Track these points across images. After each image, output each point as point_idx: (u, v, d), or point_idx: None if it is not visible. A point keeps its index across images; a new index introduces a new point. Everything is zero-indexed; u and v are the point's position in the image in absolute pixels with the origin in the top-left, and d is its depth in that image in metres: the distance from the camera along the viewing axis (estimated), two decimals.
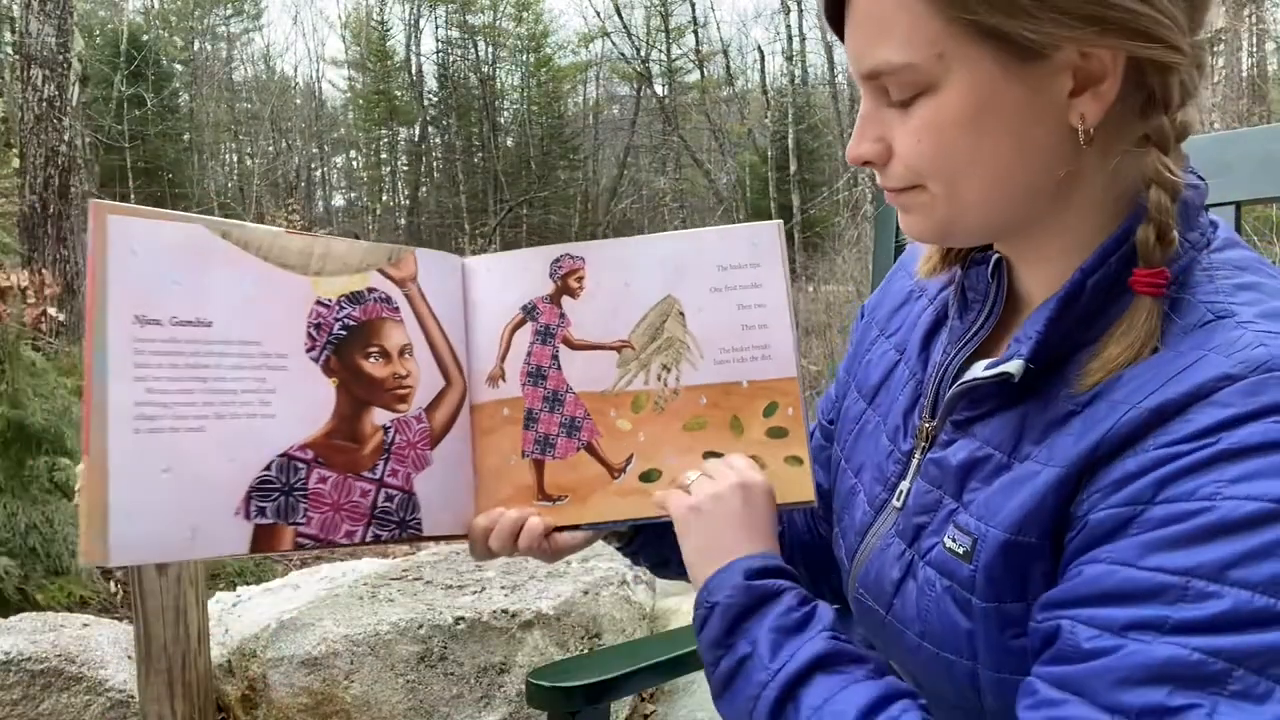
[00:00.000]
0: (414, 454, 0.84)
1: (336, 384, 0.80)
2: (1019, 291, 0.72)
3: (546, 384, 0.88)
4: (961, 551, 0.64)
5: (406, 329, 0.84)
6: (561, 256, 0.89)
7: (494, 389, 0.89)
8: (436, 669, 2.14)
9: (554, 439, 0.88)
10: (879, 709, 0.61)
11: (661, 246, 0.88)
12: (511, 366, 0.89)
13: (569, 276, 0.89)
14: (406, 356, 0.84)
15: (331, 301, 0.81)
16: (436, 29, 31.02)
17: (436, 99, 31.07)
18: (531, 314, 0.89)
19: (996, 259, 0.72)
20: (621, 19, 26.62)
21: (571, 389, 0.88)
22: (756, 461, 0.83)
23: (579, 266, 0.89)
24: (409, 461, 0.83)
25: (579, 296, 0.89)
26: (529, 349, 0.89)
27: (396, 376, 0.83)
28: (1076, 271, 0.62)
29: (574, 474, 0.87)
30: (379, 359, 0.83)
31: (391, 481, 0.82)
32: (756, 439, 0.85)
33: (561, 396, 0.88)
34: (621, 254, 0.89)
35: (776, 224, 0.88)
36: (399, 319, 0.84)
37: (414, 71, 30.97)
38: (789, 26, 25.22)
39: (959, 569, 0.64)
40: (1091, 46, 0.58)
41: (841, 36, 0.66)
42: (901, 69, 0.61)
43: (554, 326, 0.89)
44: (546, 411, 0.88)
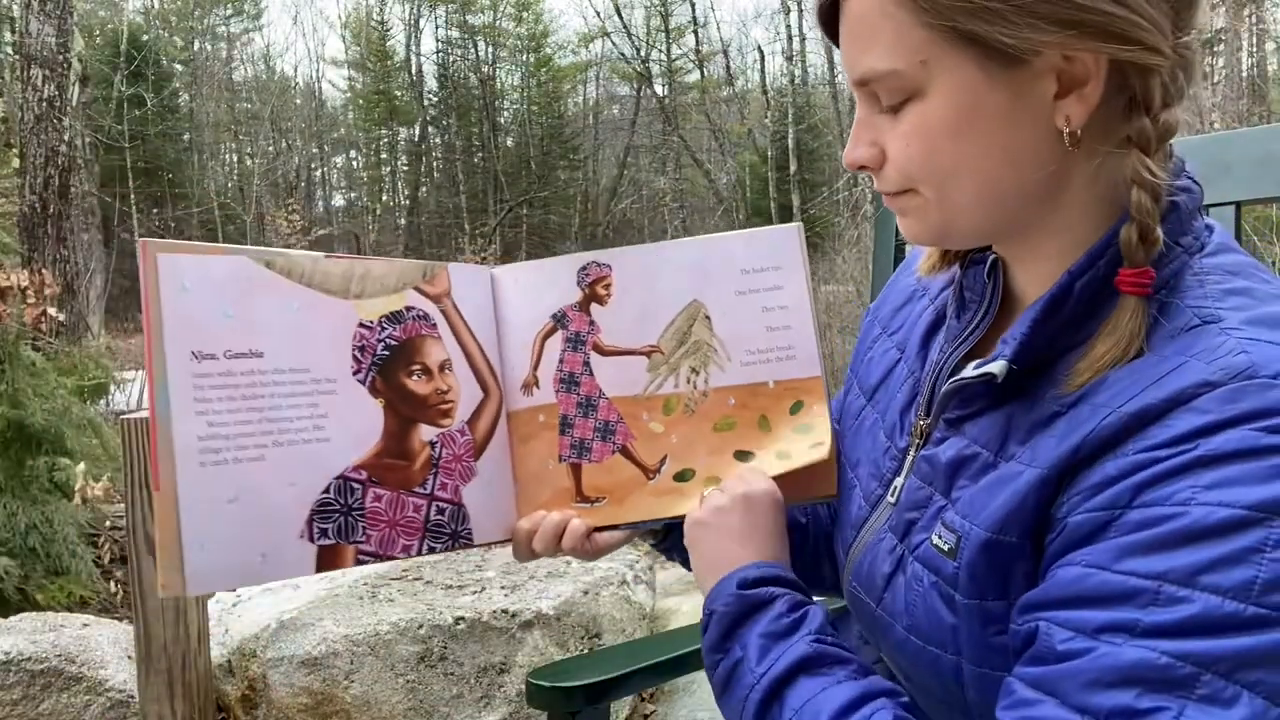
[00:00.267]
0: (460, 466, 0.86)
1: (383, 404, 0.82)
2: (1015, 292, 0.72)
3: (580, 390, 0.91)
4: (947, 548, 0.65)
5: (445, 344, 0.86)
6: (589, 265, 0.91)
7: (529, 397, 0.91)
8: (436, 669, 2.14)
9: (589, 443, 0.90)
10: (854, 708, 0.64)
11: (686, 252, 0.90)
12: (545, 374, 0.91)
13: (596, 284, 0.91)
14: (447, 372, 0.86)
15: (373, 323, 0.83)
16: (436, 29, 31.04)
17: (436, 99, 31.08)
18: (561, 322, 0.91)
19: (993, 260, 0.73)
20: (621, 19, 26.63)
21: (604, 394, 0.90)
22: (784, 457, 0.85)
23: (606, 274, 0.91)
24: (456, 474, 0.86)
25: (607, 303, 0.91)
26: (561, 356, 0.91)
27: (439, 392, 0.85)
28: (1064, 274, 0.63)
29: (610, 476, 0.90)
30: (421, 376, 0.84)
31: (441, 495, 0.84)
32: (784, 436, 0.87)
33: (595, 401, 0.91)
34: (647, 261, 0.91)
35: (797, 226, 0.90)
36: (437, 335, 0.86)
37: (414, 71, 30.98)
38: (789, 26, 25.21)
39: (944, 565, 0.65)
40: (1069, 50, 0.59)
41: (837, 44, 0.67)
42: (888, 75, 0.63)
43: (584, 333, 0.91)
44: (581, 416, 0.90)
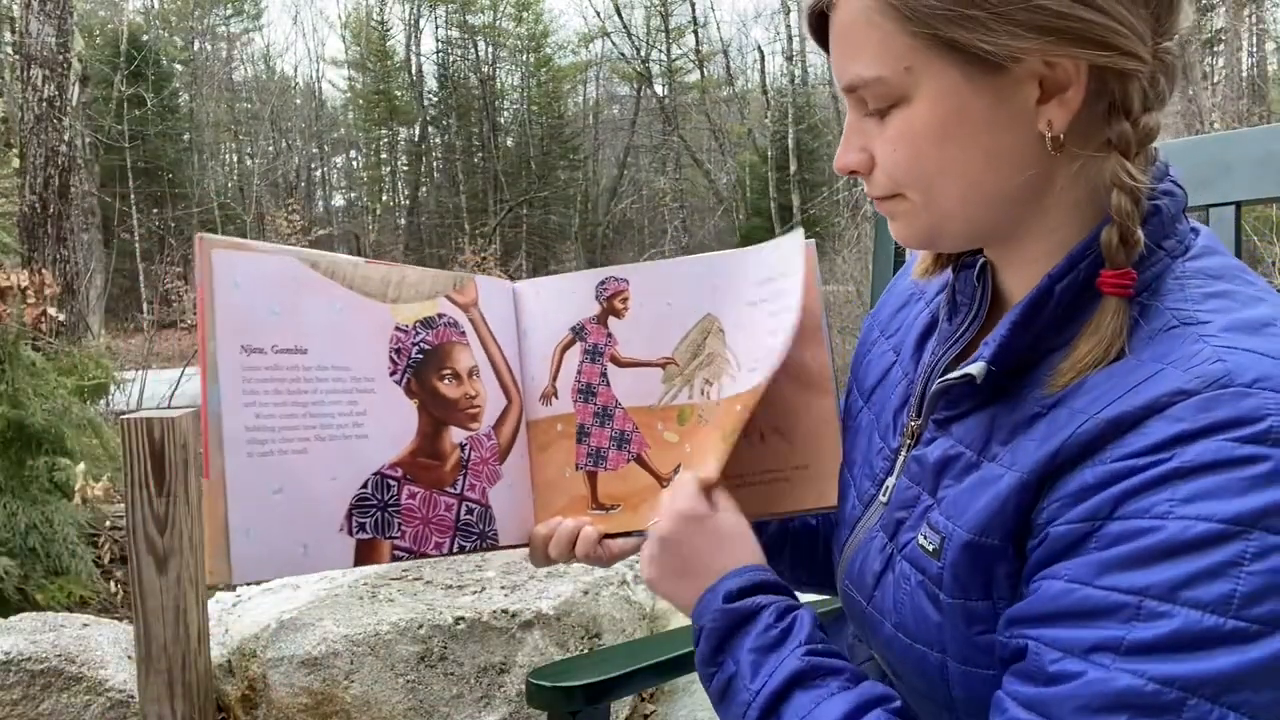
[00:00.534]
0: (487, 469, 0.88)
1: (417, 405, 0.84)
2: (1003, 294, 0.73)
3: (596, 400, 0.93)
4: (932, 548, 0.66)
5: (473, 352, 0.89)
6: (606, 279, 0.94)
7: (547, 406, 0.94)
8: (436, 669, 2.14)
9: (605, 452, 0.93)
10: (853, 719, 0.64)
11: (700, 268, 0.93)
12: (563, 384, 0.94)
13: (614, 298, 0.94)
14: (474, 378, 0.88)
15: (408, 327, 0.85)
16: (436, 29, 31.04)
17: (436, 99, 31.08)
18: (580, 334, 0.94)
19: (983, 263, 0.74)
20: (621, 19, 26.63)
21: (620, 404, 0.93)
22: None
23: (623, 288, 0.94)
24: (483, 476, 0.88)
25: (624, 317, 0.94)
26: (579, 367, 0.94)
27: (468, 397, 0.87)
28: (1044, 277, 0.64)
29: (625, 484, 0.92)
30: (452, 380, 0.87)
31: (470, 495, 0.86)
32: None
33: (611, 411, 0.93)
34: (663, 276, 0.93)
35: (800, 234, 0.92)
36: (465, 342, 0.88)
37: (414, 71, 30.98)
38: (789, 26, 25.22)
39: (929, 565, 0.66)
40: (1048, 56, 0.60)
41: (827, 50, 0.69)
42: (874, 82, 0.64)
43: (602, 345, 0.94)
44: (597, 426, 0.93)
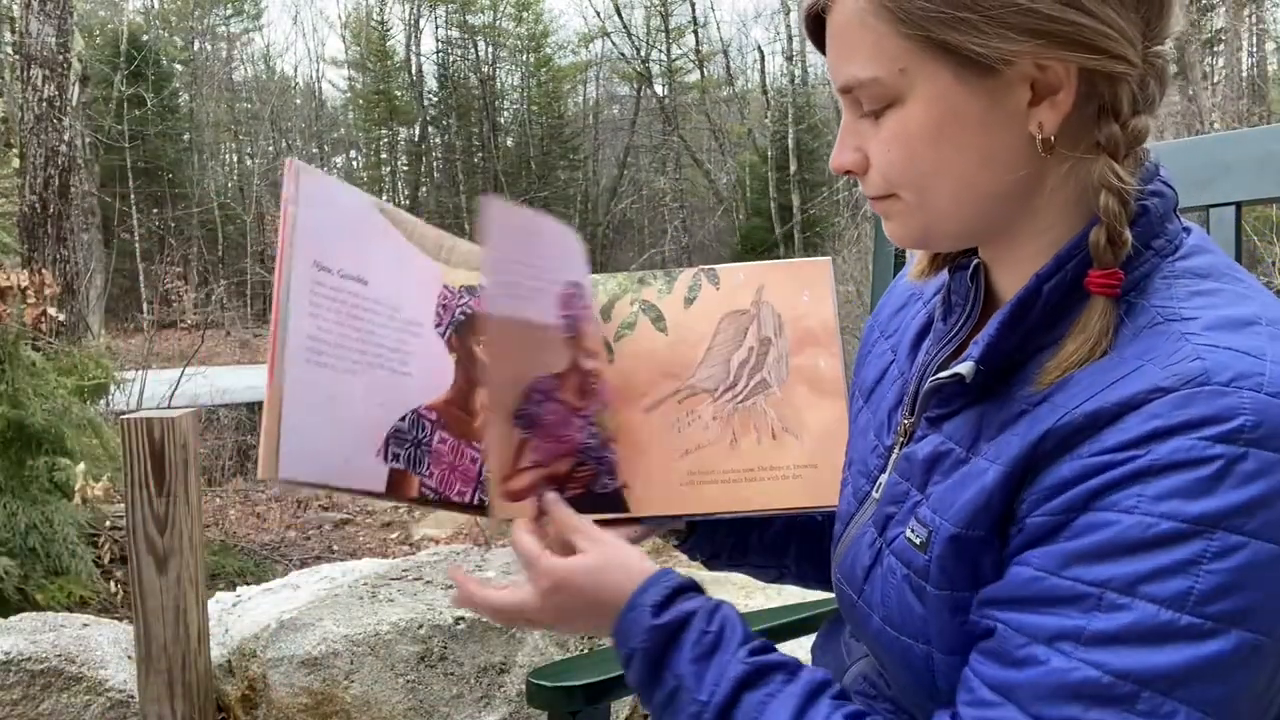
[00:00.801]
0: None
1: (456, 360, 0.88)
2: (996, 294, 0.74)
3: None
4: (919, 542, 0.67)
5: None
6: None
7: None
8: (436, 669, 2.14)
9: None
10: (804, 711, 0.66)
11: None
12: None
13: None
14: None
15: (455, 289, 0.90)
16: (436, 29, 31.04)
17: (436, 99, 31.07)
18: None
19: (976, 264, 0.75)
20: (621, 19, 26.64)
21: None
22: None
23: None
24: None
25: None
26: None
27: None
28: (1032, 277, 0.65)
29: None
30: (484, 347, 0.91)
31: None
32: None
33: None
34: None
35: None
36: None
37: (414, 71, 30.98)
38: (789, 26, 25.22)
39: (916, 558, 0.68)
40: (1040, 59, 0.61)
41: (824, 52, 0.69)
42: (869, 83, 0.65)
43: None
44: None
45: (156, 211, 24.84)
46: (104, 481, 3.09)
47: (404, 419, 0.84)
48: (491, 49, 30.84)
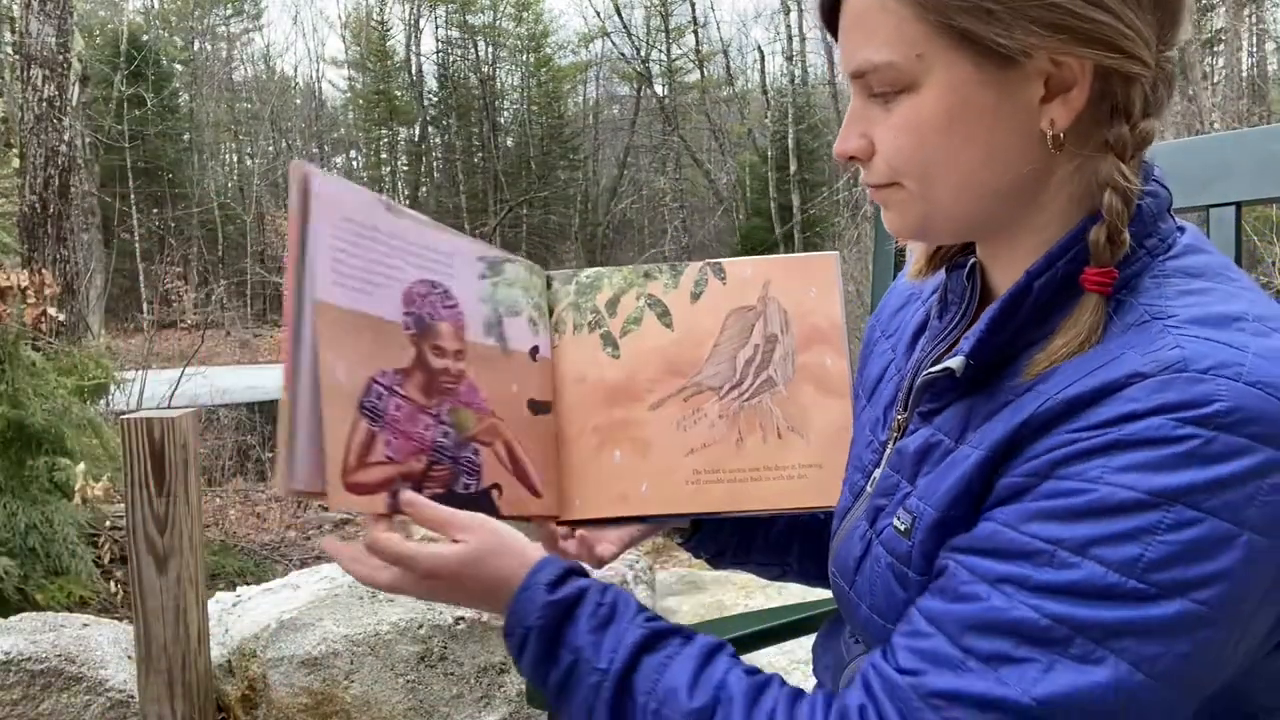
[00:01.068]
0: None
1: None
2: (993, 292, 0.75)
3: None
4: (903, 529, 0.69)
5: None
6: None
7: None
8: (436, 669, 2.14)
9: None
10: (703, 671, 0.67)
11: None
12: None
13: None
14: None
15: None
16: (436, 29, 31.05)
17: (436, 99, 31.08)
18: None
19: (973, 263, 0.75)
20: (621, 19, 26.65)
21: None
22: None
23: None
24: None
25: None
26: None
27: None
28: (1023, 274, 0.66)
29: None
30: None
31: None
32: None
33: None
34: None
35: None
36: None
37: (414, 71, 30.98)
38: (789, 26, 25.23)
39: (900, 545, 0.69)
40: (1058, 54, 0.62)
41: (836, 37, 0.69)
42: (884, 67, 0.65)
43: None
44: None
45: (156, 211, 24.84)
46: (104, 481, 3.09)
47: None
48: (491, 49, 30.86)
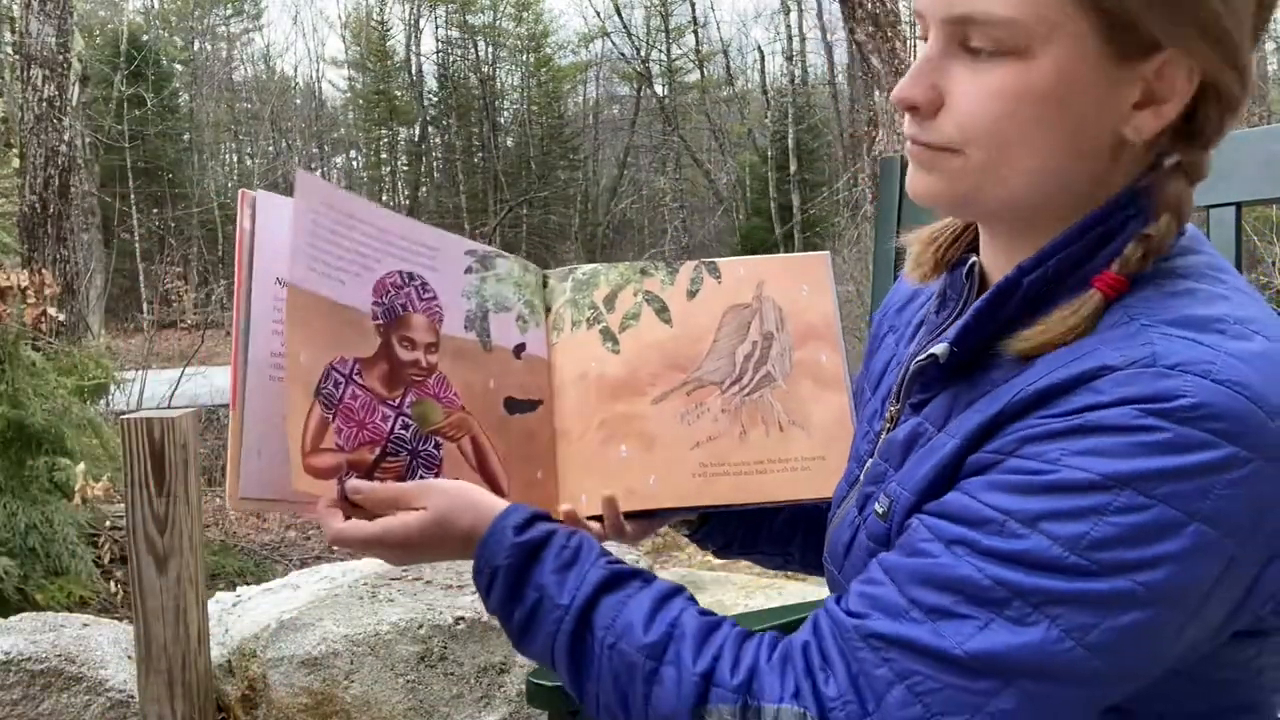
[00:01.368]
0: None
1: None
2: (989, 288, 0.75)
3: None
4: (881, 512, 0.71)
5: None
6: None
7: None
8: (436, 669, 2.14)
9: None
10: (659, 609, 0.69)
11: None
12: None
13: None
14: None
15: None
16: (436, 29, 31.03)
17: (436, 99, 31.07)
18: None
19: (972, 263, 0.76)
20: (621, 19, 26.64)
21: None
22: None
23: None
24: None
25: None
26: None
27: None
28: (1014, 268, 0.66)
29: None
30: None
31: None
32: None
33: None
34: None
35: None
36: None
37: (414, 71, 30.97)
38: (789, 26, 25.22)
39: (878, 527, 0.71)
40: (1187, 48, 0.60)
41: None
42: (1001, 23, 0.59)
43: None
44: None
45: (156, 211, 24.81)
46: (104, 481, 3.09)
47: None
48: (491, 49, 30.85)
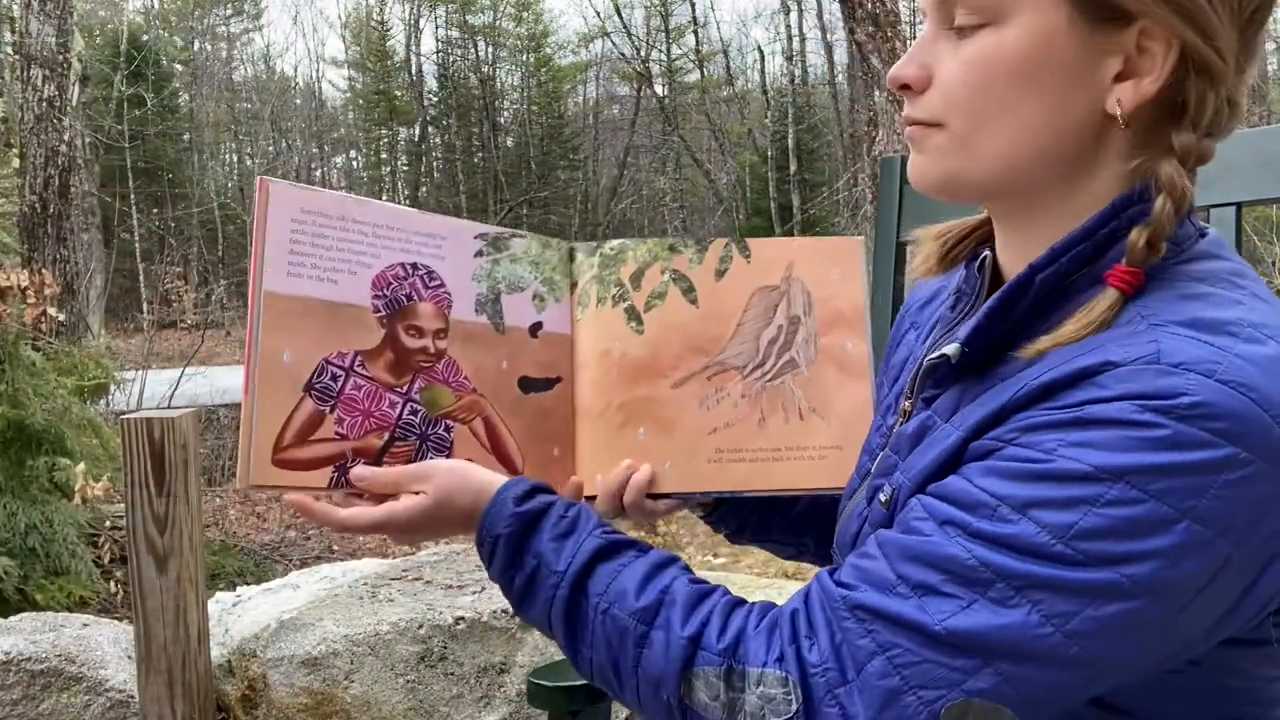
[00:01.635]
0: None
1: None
2: (1004, 283, 0.75)
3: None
4: (884, 500, 0.72)
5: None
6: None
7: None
8: (436, 669, 2.14)
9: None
10: (652, 577, 0.71)
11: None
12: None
13: None
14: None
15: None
16: (436, 29, 31.03)
17: (436, 99, 31.07)
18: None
19: (984, 257, 0.76)
20: (621, 19, 26.64)
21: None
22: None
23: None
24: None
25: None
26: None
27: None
28: (1026, 267, 0.66)
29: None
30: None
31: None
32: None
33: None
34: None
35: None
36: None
37: (414, 71, 30.97)
38: (789, 26, 25.22)
39: (881, 516, 0.72)
40: (1160, 20, 0.61)
41: None
42: None
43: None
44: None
45: (156, 211, 24.81)
46: (104, 481, 3.09)
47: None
48: (491, 49, 30.85)
